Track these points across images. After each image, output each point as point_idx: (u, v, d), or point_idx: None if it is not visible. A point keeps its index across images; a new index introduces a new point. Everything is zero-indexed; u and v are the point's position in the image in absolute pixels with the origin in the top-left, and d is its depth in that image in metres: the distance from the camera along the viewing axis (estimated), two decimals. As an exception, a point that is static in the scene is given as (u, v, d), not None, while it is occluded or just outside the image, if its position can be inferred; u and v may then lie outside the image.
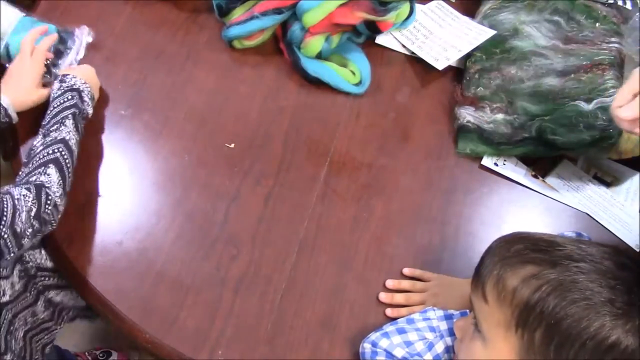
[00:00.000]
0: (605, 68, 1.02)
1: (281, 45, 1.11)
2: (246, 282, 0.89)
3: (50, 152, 0.82)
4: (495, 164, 1.05)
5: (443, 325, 0.81)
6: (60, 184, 0.82)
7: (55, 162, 0.82)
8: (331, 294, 0.90)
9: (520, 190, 1.03)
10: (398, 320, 0.84)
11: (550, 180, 1.05)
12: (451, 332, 0.80)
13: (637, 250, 0.99)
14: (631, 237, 1.00)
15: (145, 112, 1.02)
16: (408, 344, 0.79)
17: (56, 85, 0.91)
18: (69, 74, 0.92)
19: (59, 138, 0.84)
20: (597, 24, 1.09)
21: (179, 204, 0.95)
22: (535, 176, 1.05)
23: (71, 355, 1.29)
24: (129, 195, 0.95)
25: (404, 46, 1.16)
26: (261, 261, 0.91)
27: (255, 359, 0.84)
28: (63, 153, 0.83)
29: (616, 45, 1.06)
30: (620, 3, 1.14)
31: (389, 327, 0.82)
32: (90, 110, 0.92)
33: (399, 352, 0.78)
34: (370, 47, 1.15)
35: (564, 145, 1.01)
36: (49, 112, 0.88)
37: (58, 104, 0.88)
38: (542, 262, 0.62)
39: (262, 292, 0.89)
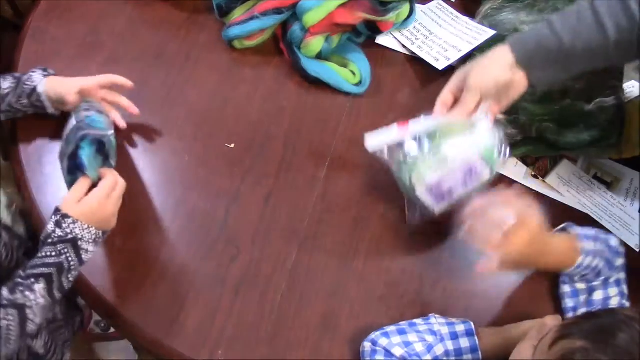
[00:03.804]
0: (605, 68, 1.02)
1: (281, 45, 1.11)
2: (246, 282, 0.89)
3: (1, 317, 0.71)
4: (495, 164, 1.05)
5: (444, 330, 0.81)
6: None
7: None
8: (331, 294, 0.90)
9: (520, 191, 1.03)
10: (400, 322, 0.84)
11: (550, 180, 1.05)
12: (453, 336, 0.80)
13: (637, 250, 0.99)
14: (631, 237, 1.00)
15: (145, 112, 1.01)
16: (407, 344, 0.79)
17: (51, 225, 0.77)
18: (69, 217, 0.77)
19: (17, 302, 0.72)
20: (597, 24, 1.09)
21: (179, 204, 0.95)
22: (535, 176, 1.05)
23: None
24: (129, 195, 0.94)
25: (404, 46, 1.16)
26: (261, 261, 0.91)
27: (255, 359, 0.84)
28: (9, 325, 0.71)
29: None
30: (620, 3, 1.14)
31: (390, 327, 0.82)
32: (87, 258, 0.79)
33: (397, 351, 0.78)
34: (370, 47, 1.15)
35: (564, 145, 1.01)
36: (37, 255, 0.76)
37: (41, 255, 0.75)
38: None
39: (262, 292, 0.89)
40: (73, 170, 0.81)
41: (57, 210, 0.78)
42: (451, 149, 0.85)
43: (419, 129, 0.85)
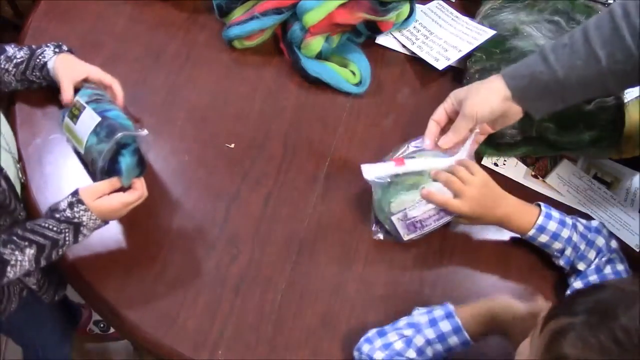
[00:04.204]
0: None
1: (281, 45, 1.11)
2: (246, 282, 0.89)
3: None
4: (495, 164, 1.05)
5: (423, 319, 0.80)
6: None
7: None
8: (331, 294, 0.90)
9: (520, 190, 1.03)
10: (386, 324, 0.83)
11: (550, 180, 1.05)
12: (432, 323, 0.79)
13: (638, 250, 0.99)
14: (631, 237, 1.00)
15: (145, 112, 1.01)
16: (387, 345, 0.78)
17: (64, 203, 0.80)
18: (84, 204, 0.80)
19: (3, 257, 0.75)
20: (597, 24, 1.09)
21: (179, 204, 0.95)
22: (535, 176, 1.05)
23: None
24: (129, 195, 0.94)
25: (404, 46, 1.16)
26: (261, 261, 0.91)
27: (255, 359, 0.84)
28: None
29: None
30: (620, 3, 1.14)
31: (372, 331, 0.82)
32: (82, 240, 0.82)
33: (379, 355, 0.78)
34: (370, 47, 1.15)
35: (564, 145, 1.01)
36: (37, 219, 0.79)
37: (44, 224, 0.78)
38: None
39: (262, 292, 0.89)
40: (108, 172, 0.84)
41: (75, 193, 0.81)
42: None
43: (414, 168, 0.87)
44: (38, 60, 0.93)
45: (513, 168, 1.05)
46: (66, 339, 1.32)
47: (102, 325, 1.57)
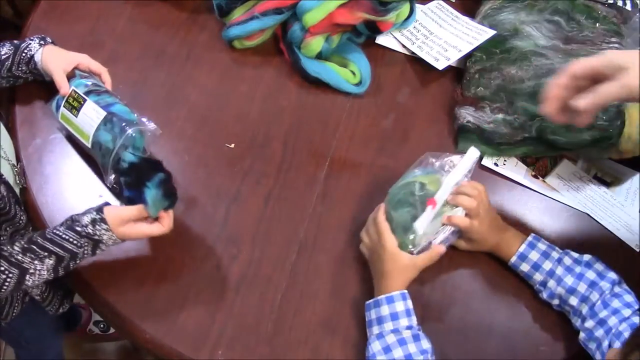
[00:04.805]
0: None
1: (281, 45, 1.11)
2: (246, 282, 0.89)
3: (4, 269, 0.75)
4: (495, 164, 1.05)
5: (378, 341, 0.82)
6: None
7: None
8: (331, 293, 0.90)
9: (520, 190, 1.03)
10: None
11: (550, 180, 1.05)
12: (393, 317, 0.82)
13: (638, 250, 0.99)
14: (631, 237, 1.00)
15: (145, 112, 1.01)
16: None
17: (87, 218, 0.79)
18: (106, 224, 0.79)
19: (22, 265, 0.76)
20: (597, 24, 1.09)
21: (179, 204, 0.94)
22: (535, 176, 1.05)
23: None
24: (129, 195, 0.94)
25: (404, 46, 1.16)
26: (261, 261, 0.91)
27: (255, 359, 0.84)
28: (7, 280, 0.75)
29: (616, 45, 1.06)
30: (620, 3, 1.14)
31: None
32: (99, 252, 0.82)
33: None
34: (370, 47, 1.15)
35: (564, 145, 1.01)
36: (56, 228, 0.78)
37: (65, 236, 0.78)
38: None
39: (262, 292, 0.89)
40: (133, 201, 0.81)
41: (100, 210, 0.79)
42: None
43: (440, 202, 0.87)
44: (24, 55, 0.92)
45: (513, 168, 1.05)
46: (59, 335, 1.32)
47: (102, 326, 1.57)
